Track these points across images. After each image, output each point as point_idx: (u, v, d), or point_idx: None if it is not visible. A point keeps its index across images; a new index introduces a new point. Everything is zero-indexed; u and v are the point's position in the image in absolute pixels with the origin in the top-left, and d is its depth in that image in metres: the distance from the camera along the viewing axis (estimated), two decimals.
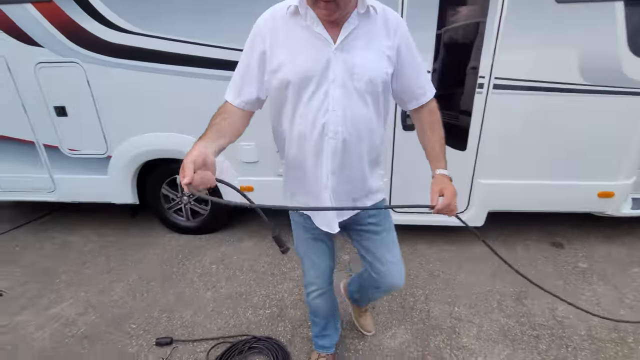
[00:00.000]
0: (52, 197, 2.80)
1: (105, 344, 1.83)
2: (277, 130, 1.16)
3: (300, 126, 1.05)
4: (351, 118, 1.03)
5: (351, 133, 1.05)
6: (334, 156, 1.07)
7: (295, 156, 1.12)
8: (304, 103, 1.01)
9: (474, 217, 2.45)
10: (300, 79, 0.98)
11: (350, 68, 0.99)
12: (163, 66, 2.28)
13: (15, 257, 2.71)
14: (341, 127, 1.03)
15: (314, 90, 0.99)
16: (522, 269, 2.26)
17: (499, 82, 2.08)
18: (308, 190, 1.17)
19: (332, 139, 1.04)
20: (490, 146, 2.24)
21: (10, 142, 2.67)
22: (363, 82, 1.00)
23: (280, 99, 1.05)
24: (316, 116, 1.02)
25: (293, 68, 0.98)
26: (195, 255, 2.62)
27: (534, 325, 1.86)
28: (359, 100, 1.03)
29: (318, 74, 0.98)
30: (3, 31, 2.31)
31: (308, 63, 0.98)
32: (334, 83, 0.99)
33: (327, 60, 0.98)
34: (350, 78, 0.99)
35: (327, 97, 1.00)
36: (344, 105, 1.01)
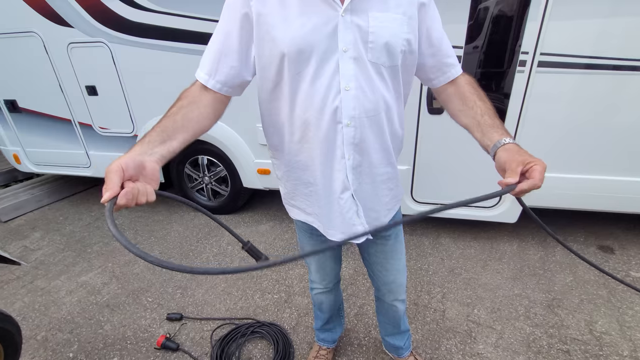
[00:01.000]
0: (88, 172, 2.99)
1: (123, 314, 1.93)
2: (270, 121, 0.92)
3: (304, 114, 0.83)
4: (370, 99, 0.82)
5: (371, 117, 0.84)
6: (353, 148, 0.86)
7: (298, 153, 0.91)
8: (308, 83, 0.79)
9: (506, 213, 2.21)
10: (298, 51, 0.76)
11: (364, 34, 0.77)
12: (185, 45, 2.26)
13: (59, 227, 2.96)
14: (358, 110, 0.82)
15: (318, 65, 0.78)
16: (557, 274, 2.05)
17: (546, 58, 1.79)
18: (318, 198, 0.96)
19: (349, 127, 0.83)
20: (530, 133, 1.96)
21: (51, 120, 2.86)
22: (378, 51, 0.79)
23: (273, 77, 0.82)
24: (325, 99, 0.80)
25: (287, 36, 0.76)
26: (213, 235, 2.68)
27: (566, 338, 1.65)
28: (377, 76, 0.81)
29: (323, 44, 0.76)
30: (38, 12, 2.41)
31: (308, 29, 0.75)
32: (346, 54, 0.77)
33: (334, 25, 0.76)
34: (364, 47, 0.78)
35: (337, 73, 0.78)
36: (359, 82, 0.80)
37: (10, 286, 2.21)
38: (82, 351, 1.71)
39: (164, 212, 3.06)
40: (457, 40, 1.84)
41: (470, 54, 1.90)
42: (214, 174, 2.81)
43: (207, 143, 2.58)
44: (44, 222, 3.04)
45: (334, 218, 0.96)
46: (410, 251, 2.32)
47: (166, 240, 2.64)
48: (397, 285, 1.22)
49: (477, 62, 1.92)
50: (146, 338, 1.76)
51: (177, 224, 2.86)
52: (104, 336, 1.79)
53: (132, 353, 1.68)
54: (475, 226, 2.52)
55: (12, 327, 1.36)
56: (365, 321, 1.80)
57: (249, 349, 1.68)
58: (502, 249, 2.31)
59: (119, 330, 1.82)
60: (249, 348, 1.68)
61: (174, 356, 1.65)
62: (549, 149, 1.99)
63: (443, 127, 2.06)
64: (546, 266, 2.13)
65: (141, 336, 1.77)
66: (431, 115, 2.03)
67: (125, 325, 1.85)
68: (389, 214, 1.04)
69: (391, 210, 1.05)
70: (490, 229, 2.51)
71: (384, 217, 1.03)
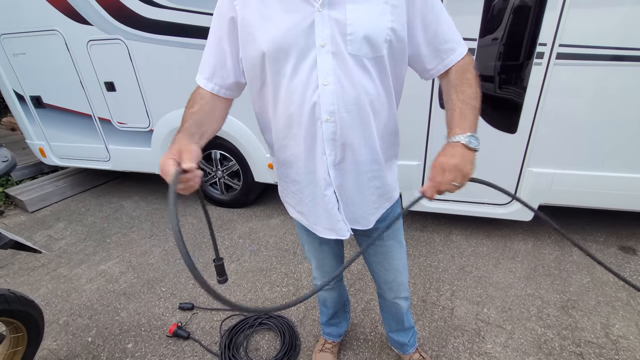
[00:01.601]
0: (108, 166, 3.10)
1: (138, 303, 2.01)
2: (261, 119, 0.95)
3: (286, 111, 0.84)
4: (350, 93, 0.81)
5: (352, 112, 0.82)
6: (333, 144, 0.85)
7: (284, 150, 0.92)
8: (287, 80, 0.80)
9: (521, 211, 2.14)
10: (276, 49, 0.77)
11: (342, 27, 0.76)
12: (199, 41, 2.29)
13: (81, 217, 3.09)
14: (337, 105, 0.81)
15: (297, 61, 0.78)
16: (573, 275, 1.98)
17: (566, 50, 1.71)
18: (303, 196, 0.97)
19: (328, 122, 0.82)
20: (547, 128, 1.89)
21: (73, 115, 2.97)
22: (357, 43, 0.77)
23: (258, 77, 0.84)
24: (304, 94, 0.80)
25: (267, 36, 0.77)
26: (225, 227, 2.73)
27: (579, 341, 1.60)
28: (358, 69, 0.79)
29: (300, 40, 0.77)
30: (60, 11, 2.50)
31: (285, 28, 0.76)
32: (323, 49, 0.77)
33: (310, 21, 0.76)
34: (343, 40, 0.77)
35: (314, 69, 0.78)
36: (338, 76, 0.79)
37: (36, 273, 2.34)
38: (100, 336, 1.79)
39: (179, 205, 3.14)
40: (471, 33, 1.79)
41: (485, 46, 1.83)
42: (226, 169, 2.86)
43: (220, 138, 2.62)
44: (67, 212, 3.18)
45: (320, 214, 0.97)
46: (420, 248, 2.30)
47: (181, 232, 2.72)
48: (397, 284, 1.21)
49: (492, 55, 1.86)
50: (159, 326, 1.83)
51: (191, 217, 2.93)
52: (120, 323, 1.87)
53: (146, 340, 1.75)
54: (489, 224, 2.46)
55: (34, 311, 1.45)
56: (371, 317, 1.80)
57: (257, 339, 1.72)
58: (516, 247, 2.25)
59: (134, 318, 1.89)
60: (257, 339, 1.72)
61: (185, 344, 1.71)
62: (568, 145, 1.92)
63: None
64: (562, 266, 2.06)
65: (154, 324, 1.84)
66: (443, 109, 1.98)
67: (140, 313, 1.93)
68: (376, 212, 1.02)
69: (379, 209, 1.02)
70: (505, 227, 2.44)
71: (371, 215, 1.01)
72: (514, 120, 1.93)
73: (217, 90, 0.87)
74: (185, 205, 3.12)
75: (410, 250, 2.28)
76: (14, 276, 2.31)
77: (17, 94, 3.02)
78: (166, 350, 1.68)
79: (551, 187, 2.02)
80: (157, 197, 3.32)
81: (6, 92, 3.06)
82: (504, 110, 1.96)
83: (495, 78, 1.93)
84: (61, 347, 1.74)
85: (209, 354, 1.64)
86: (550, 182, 2.00)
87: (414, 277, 2.05)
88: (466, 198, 2.24)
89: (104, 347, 1.72)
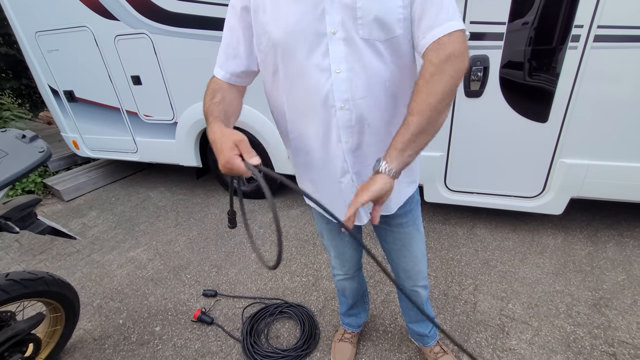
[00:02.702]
0: (135, 157, 3.23)
1: (165, 288, 2.10)
2: (273, 107, 0.96)
3: (299, 100, 0.85)
4: (364, 79, 0.79)
5: (367, 99, 0.81)
6: (349, 131, 0.85)
7: (298, 139, 0.92)
8: (300, 69, 0.80)
9: (551, 204, 2.04)
10: (288, 38, 0.78)
11: (352, 12, 0.74)
12: (219, 33, 2.31)
13: (112, 207, 3.25)
14: (350, 92, 0.80)
15: (309, 50, 0.78)
16: (607, 272, 1.88)
17: (605, 32, 1.59)
18: (320, 183, 0.98)
19: (343, 110, 0.82)
20: (581, 117, 1.78)
21: (103, 109, 3.10)
22: (368, 26, 0.74)
23: (271, 66, 0.85)
24: (317, 83, 0.80)
25: (279, 25, 0.78)
26: (247, 218, 2.78)
27: (612, 340, 1.52)
28: (371, 53, 0.77)
29: (312, 28, 0.76)
30: (89, 8, 2.59)
31: (296, 17, 0.76)
32: (335, 36, 0.76)
33: (321, 9, 0.75)
34: (354, 25, 0.75)
35: (327, 56, 0.78)
36: (350, 63, 0.78)
37: (71, 258, 2.48)
38: (130, 319, 1.89)
39: (202, 196, 3.23)
40: (499, 17, 1.70)
41: (515, 31, 1.74)
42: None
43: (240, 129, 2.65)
44: (99, 202, 3.35)
45: (337, 202, 0.96)
46: (442, 241, 2.25)
47: (204, 222, 2.80)
48: (415, 272, 1.19)
49: (522, 40, 1.76)
50: (184, 311, 1.90)
51: (214, 207, 3.01)
52: (149, 307, 1.96)
53: (172, 324, 1.83)
54: (516, 217, 2.36)
55: (71, 293, 1.54)
56: (391, 308, 1.79)
57: (277, 327, 1.75)
58: (545, 242, 2.16)
59: (161, 303, 1.98)
60: (277, 327, 1.75)
61: (208, 329, 1.77)
62: (604, 134, 1.80)
63: (481, 111, 1.93)
64: (595, 263, 1.96)
65: (180, 309, 1.92)
66: (468, 98, 1.91)
67: (166, 298, 2.01)
68: (398, 196, 1.01)
69: (400, 194, 1.01)
70: (532, 221, 2.34)
71: (392, 200, 1.00)
72: (545, 109, 1.83)
73: (228, 77, 0.89)
74: (208, 197, 3.21)
75: (432, 243, 2.23)
76: (52, 261, 2.47)
77: (51, 89, 3.18)
78: (191, 334, 1.75)
79: (585, 179, 1.91)
80: (181, 188, 3.43)
81: (42, 87, 3.23)
82: (535, 98, 1.86)
83: (525, 65, 1.83)
84: (95, 327, 1.85)
85: (232, 340, 1.70)
86: (583, 174, 1.90)
87: (436, 271, 2.01)
88: (492, 190, 2.16)
89: (134, 329, 1.82)
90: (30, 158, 1.16)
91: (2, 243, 2.72)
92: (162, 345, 1.71)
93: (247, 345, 1.62)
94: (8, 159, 1.14)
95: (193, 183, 3.48)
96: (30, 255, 2.54)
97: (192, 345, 1.69)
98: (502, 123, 1.93)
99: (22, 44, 3.03)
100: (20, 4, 2.84)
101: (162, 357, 1.65)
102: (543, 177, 2.01)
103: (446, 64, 0.70)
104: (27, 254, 2.56)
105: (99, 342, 1.76)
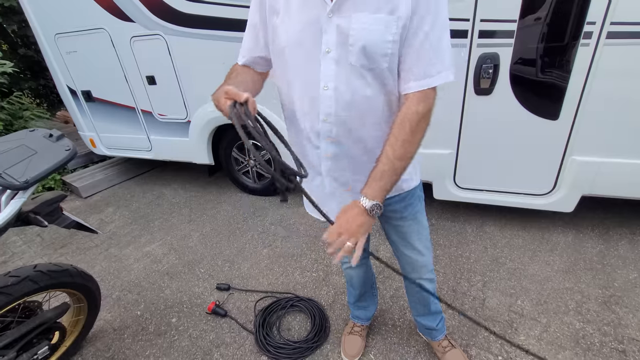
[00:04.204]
0: (150, 155, 3.32)
1: (180, 282, 2.17)
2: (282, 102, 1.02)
3: (295, 101, 0.92)
4: (347, 99, 0.84)
5: (349, 116, 0.87)
6: (327, 142, 0.92)
7: (293, 133, 1.01)
8: (297, 77, 0.88)
9: (562, 201, 2.04)
10: (291, 46, 0.84)
11: (345, 37, 0.78)
12: (232, 33, 2.37)
13: (127, 203, 3.35)
14: (333, 108, 0.86)
15: (306, 62, 0.84)
16: (619, 270, 1.87)
17: (618, 28, 1.58)
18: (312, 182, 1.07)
19: (325, 122, 0.89)
20: (593, 114, 1.77)
21: (119, 108, 3.19)
22: (356, 54, 0.78)
23: (279, 67, 0.92)
24: (307, 94, 0.88)
25: (286, 31, 0.83)
26: (258, 214, 2.85)
27: (622, 337, 1.53)
28: (357, 79, 0.82)
29: (310, 43, 0.81)
30: (106, 10, 2.67)
31: (300, 27, 0.81)
32: (328, 55, 0.81)
33: (320, 27, 0.79)
34: (345, 50, 0.79)
35: (319, 72, 0.83)
36: (338, 83, 0.83)
37: (91, 252, 2.58)
38: (147, 310, 1.97)
39: (214, 193, 3.31)
40: (510, 14, 1.70)
41: (526, 28, 1.74)
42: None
43: None
44: (115, 198, 3.46)
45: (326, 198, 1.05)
46: (451, 238, 2.26)
47: (216, 218, 2.87)
48: (419, 265, 1.22)
49: (534, 36, 1.75)
50: (199, 304, 1.97)
51: (226, 204, 3.08)
52: (165, 299, 2.03)
53: (188, 315, 1.90)
54: (525, 214, 2.36)
55: (93, 285, 1.62)
56: (400, 303, 1.82)
57: (288, 320, 1.80)
58: (555, 239, 2.16)
59: (177, 295, 2.05)
60: (288, 320, 1.81)
61: (222, 321, 1.83)
62: (617, 131, 1.79)
63: (490, 109, 1.94)
64: (606, 260, 1.95)
65: (195, 302, 1.99)
66: (477, 96, 1.92)
67: (181, 291, 2.08)
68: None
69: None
70: (543, 218, 2.34)
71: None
72: (556, 106, 1.83)
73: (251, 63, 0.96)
74: (220, 193, 3.28)
75: (441, 240, 2.25)
76: (73, 254, 2.57)
77: (70, 89, 3.29)
78: (206, 326, 1.82)
79: (596, 176, 1.90)
80: (194, 185, 3.51)
81: (61, 88, 3.34)
82: (546, 95, 1.86)
83: (536, 62, 1.83)
84: (115, 318, 1.94)
85: (245, 332, 1.75)
86: (595, 171, 1.89)
87: (444, 267, 2.03)
88: (501, 188, 2.16)
89: (152, 320, 1.89)
90: (58, 156, 1.22)
91: (25, 237, 2.84)
92: (178, 335, 1.78)
93: (260, 337, 1.68)
94: (37, 157, 1.21)
95: (205, 180, 3.56)
96: (52, 249, 2.65)
97: (207, 337, 1.75)
98: (512, 120, 1.93)
99: (42, 46, 3.14)
100: (40, 7, 2.94)
101: (178, 347, 1.72)
102: (554, 174, 2.01)
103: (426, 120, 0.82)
104: (49, 248, 2.67)
105: (119, 332, 1.84)
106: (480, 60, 1.83)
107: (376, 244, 2.29)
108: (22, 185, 1.14)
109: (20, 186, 1.14)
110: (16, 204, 1.18)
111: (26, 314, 1.42)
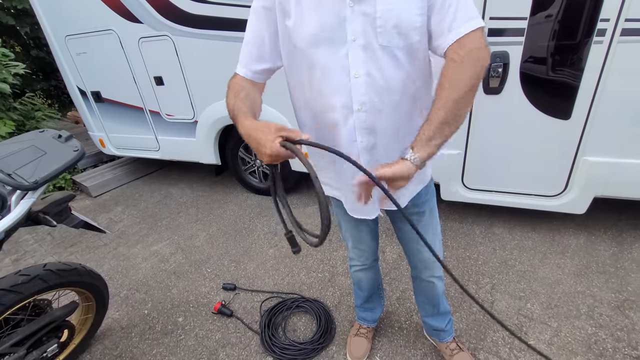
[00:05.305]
0: (157, 155, 3.35)
1: (186, 281, 2.19)
2: (294, 101, 1.01)
3: (317, 101, 0.90)
4: (381, 84, 0.83)
5: (383, 102, 0.86)
6: (364, 132, 0.90)
7: (316, 136, 0.97)
8: (321, 72, 0.85)
9: (573, 203, 1.99)
10: (310, 43, 0.83)
11: (372, 20, 0.78)
12: (239, 34, 2.37)
13: (136, 202, 3.39)
14: (367, 96, 0.84)
15: (330, 55, 0.83)
16: (633, 273, 1.82)
17: (633, 25, 1.54)
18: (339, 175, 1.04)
19: (360, 112, 0.87)
20: (606, 113, 1.73)
21: (128, 108, 3.23)
22: (387, 34, 0.78)
23: (294, 66, 0.91)
24: (337, 86, 0.85)
25: (302, 31, 0.82)
26: (264, 214, 2.85)
27: (636, 343, 1.49)
28: (389, 60, 0.81)
29: (333, 35, 0.80)
30: (115, 12, 2.70)
31: (318, 23, 0.80)
32: (355, 43, 0.80)
33: (342, 17, 0.79)
34: (373, 33, 0.79)
35: (347, 61, 0.82)
36: (369, 68, 0.82)
37: (99, 251, 2.62)
38: (155, 309, 1.98)
39: (221, 193, 3.32)
40: (521, 11, 1.67)
41: (537, 25, 1.70)
42: None
43: None
44: (123, 198, 3.50)
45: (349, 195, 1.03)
46: (459, 240, 2.23)
47: (223, 218, 2.88)
48: (432, 261, 1.21)
49: (545, 34, 1.72)
50: (205, 303, 1.98)
51: (232, 204, 3.09)
52: (172, 298, 2.05)
53: (194, 315, 1.91)
54: (536, 216, 2.32)
55: (101, 284, 1.64)
56: (407, 305, 1.80)
57: (294, 321, 1.80)
58: (566, 242, 2.11)
59: (183, 295, 2.07)
60: (294, 320, 1.80)
61: (228, 321, 1.84)
62: (631, 131, 1.74)
63: (500, 108, 1.90)
64: (619, 264, 1.90)
65: (201, 301, 2.00)
66: (486, 95, 1.89)
67: (188, 291, 2.10)
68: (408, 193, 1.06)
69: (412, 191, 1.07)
70: (554, 220, 2.29)
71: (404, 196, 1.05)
72: (568, 105, 1.79)
73: (257, 77, 0.93)
74: (226, 193, 3.29)
75: (449, 242, 2.22)
76: (82, 253, 2.61)
77: (80, 90, 3.34)
78: (212, 325, 1.83)
79: (609, 177, 1.85)
80: (201, 185, 3.53)
81: (71, 88, 3.39)
82: (557, 94, 1.82)
83: (548, 60, 1.79)
84: (122, 317, 1.96)
85: (250, 332, 1.75)
86: (608, 172, 1.84)
87: (452, 269, 2.01)
88: (511, 189, 2.12)
89: (159, 319, 1.91)
90: (67, 157, 1.24)
91: (36, 236, 2.89)
92: (184, 335, 1.79)
93: (265, 337, 1.67)
94: (47, 158, 1.22)
95: (212, 180, 3.58)
96: (62, 248, 2.69)
97: (213, 336, 1.76)
98: (522, 120, 1.90)
99: (53, 47, 3.19)
100: (51, 9, 2.99)
101: (185, 346, 1.72)
102: (565, 175, 1.96)
103: (468, 60, 0.74)
104: (59, 247, 2.71)
105: (126, 330, 1.86)
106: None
107: (382, 245, 2.27)
108: (31, 185, 1.16)
109: (29, 186, 1.16)
110: (26, 204, 1.19)
111: (36, 312, 1.44)
